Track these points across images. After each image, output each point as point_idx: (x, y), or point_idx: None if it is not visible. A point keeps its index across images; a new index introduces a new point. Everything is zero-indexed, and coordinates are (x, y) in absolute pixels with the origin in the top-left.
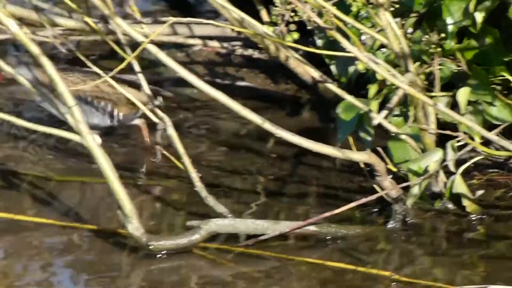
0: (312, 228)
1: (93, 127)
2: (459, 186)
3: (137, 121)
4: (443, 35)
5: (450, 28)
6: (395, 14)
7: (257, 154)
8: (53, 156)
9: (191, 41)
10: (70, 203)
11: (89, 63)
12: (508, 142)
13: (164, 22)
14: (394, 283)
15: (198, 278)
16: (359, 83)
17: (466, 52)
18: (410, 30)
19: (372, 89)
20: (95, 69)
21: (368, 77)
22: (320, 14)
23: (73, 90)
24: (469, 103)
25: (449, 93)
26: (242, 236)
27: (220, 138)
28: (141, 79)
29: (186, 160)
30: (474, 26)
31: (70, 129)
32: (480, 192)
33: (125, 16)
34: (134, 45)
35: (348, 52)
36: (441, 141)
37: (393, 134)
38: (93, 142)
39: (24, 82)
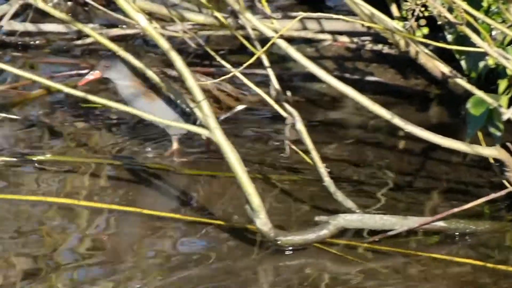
0: (440, 224)
1: (174, 127)
2: None
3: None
4: None
5: None
6: None
7: (386, 149)
8: (185, 151)
9: (320, 36)
10: (198, 198)
11: (218, 58)
12: None
13: (294, 17)
14: None
15: (325, 274)
16: (489, 78)
17: None
18: None
19: (502, 84)
20: (224, 63)
21: (498, 72)
22: (450, 9)
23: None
24: None
25: None
26: (370, 231)
27: (349, 133)
28: (270, 74)
29: (315, 155)
30: None
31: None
32: None
33: (255, 11)
34: (263, 40)
35: (479, 47)
36: None
37: None
38: (221, 136)
39: (153, 75)
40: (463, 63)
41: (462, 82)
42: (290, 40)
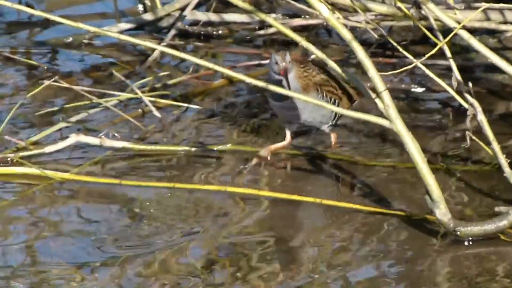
0: None
1: (319, 122)
2: None
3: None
4: None
5: None
6: None
7: None
8: (361, 141)
9: (503, 27)
10: (377, 188)
11: (400, 48)
12: None
13: (477, 8)
14: None
15: (505, 265)
16: None
17: None
18: None
19: None
20: (406, 54)
21: None
22: None
23: (315, 83)
24: None
25: None
26: None
27: None
28: (452, 64)
29: (495, 146)
30: None
31: None
32: None
33: (438, 1)
34: (446, 30)
35: None
36: None
37: None
38: (402, 126)
39: (334, 65)
40: None
41: None
42: (473, 30)
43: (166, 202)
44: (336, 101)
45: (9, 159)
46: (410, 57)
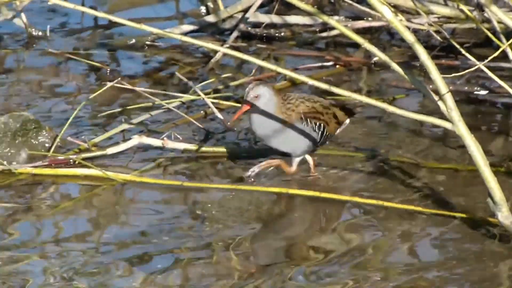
0: None
1: (305, 147)
2: None
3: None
4: None
5: None
6: None
7: None
8: (424, 143)
9: None
10: (439, 191)
11: (463, 51)
12: None
13: None
14: None
15: None
16: None
17: None
18: None
19: None
20: (469, 57)
21: None
22: None
23: (298, 113)
24: None
25: None
26: None
27: None
28: None
29: None
30: None
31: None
32: None
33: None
34: (509, 33)
35: None
36: None
37: None
38: (465, 129)
39: (397, 68)
40: None
41: None
42: None
43: (228, 204)
44: (322, 125)
45: (71, 160)
46: (473, 59)
